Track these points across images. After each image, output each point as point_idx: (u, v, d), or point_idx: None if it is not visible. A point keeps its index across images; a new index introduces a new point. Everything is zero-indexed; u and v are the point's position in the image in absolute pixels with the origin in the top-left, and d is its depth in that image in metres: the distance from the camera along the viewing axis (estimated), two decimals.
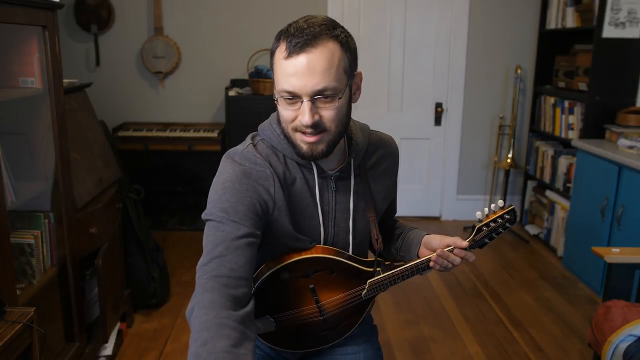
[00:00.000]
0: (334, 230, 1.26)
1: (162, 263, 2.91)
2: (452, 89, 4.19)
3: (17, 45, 1.86)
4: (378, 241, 1.30)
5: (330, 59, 1.06)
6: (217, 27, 4.05)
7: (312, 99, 1.07)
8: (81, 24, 3.97)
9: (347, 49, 1.10)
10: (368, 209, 1.28)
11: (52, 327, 1.98)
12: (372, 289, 1.28)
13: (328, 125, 1.11)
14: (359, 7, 4.07)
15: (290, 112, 1.11)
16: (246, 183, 1.13)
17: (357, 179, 1.27)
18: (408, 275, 1.28)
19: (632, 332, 1.67)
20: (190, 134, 3.84)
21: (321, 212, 1.23)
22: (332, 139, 1.13)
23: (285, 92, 1.08)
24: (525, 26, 4.09)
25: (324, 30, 1.07)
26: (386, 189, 1.34)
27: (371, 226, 1.30)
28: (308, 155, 1.14)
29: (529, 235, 4.03)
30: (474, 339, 2.66)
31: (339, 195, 1.25)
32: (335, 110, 1.10)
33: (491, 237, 1.30)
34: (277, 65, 1.10)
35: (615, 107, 3.31)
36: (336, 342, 1.36)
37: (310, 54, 1.05)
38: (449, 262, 1.25)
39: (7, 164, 1.68)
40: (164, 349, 2.52)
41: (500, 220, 1.28)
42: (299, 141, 1.13)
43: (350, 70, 1.12)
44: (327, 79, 1.06)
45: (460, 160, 4.31)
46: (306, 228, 1.23)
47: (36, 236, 1.86)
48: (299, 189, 1.20)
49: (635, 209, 2.76)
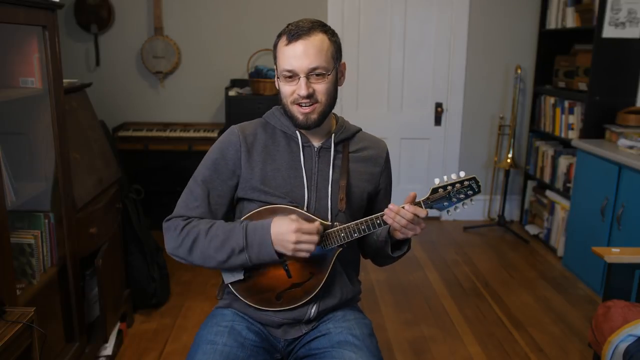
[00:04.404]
0: (316, 195, 1.45)
1: (162, 263, 2.91)
2: (452, 89, 4.20)
3: (17, 45, 1.86)
4: (342, 202, 1.45)
5: (321, 46, 1.36)
6: (217, 27, 4.05)
7: (307, 75, 1.35)
8: (81, 24, 3.97)
9: (333, 42, 1.40)
10: (342, 178, 1.47)
11: (52, 327, 1.98)
12: (328, 239, 1.38)
13: (320, 98, 1.38)
14: (359, 7, 4.07)
15: (289, 87, 1.38)
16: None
17: (337, 154, 1.49)
18: (363, 228, 1.36)
19: (632, 332, 1.67)
20: (190, 134, 3.84)
21: (305, 176, 1.44)
22: (322, 110, 1.40)
23: (286, 70, 1.36)
24: (525, 26, 4.09)
25: (316, 27, 1.37)
26: (367, 174, 1.52)
27: (339, 189, 1.46)
28: (303, 123, 1.40)
29: (529, 235, 4.03)
30: (474, 339, 2.66)
31: (320, 165, 1.47)
32: (325, 85, 1.38)
33: (450, 200, 1.36)
34: (279, 52, 1.38)
35: (615, 107, 3.31)
36: (310, 310, 1.45)
37: (305, 41, 1.34)
38: (400, 217, 1.31)
39: (7, 164, 1.68)
40: (164, 349, 2.52)
41: (458, 185, 1.35)
42: (296, 112, 1.39)
43: (337, 57, 1.41)
44: (319, 60, 1.35)
45: (460, 160, 4.31)
46: (288, 187, 1.43)
47: (36, 236, 1.86)
48: (281, 155, 1.46)
49: (635, 209, 2.76)
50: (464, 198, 1.36)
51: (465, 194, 1.36)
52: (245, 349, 1.39)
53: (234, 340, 1.40)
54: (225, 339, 1.39)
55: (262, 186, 1.43)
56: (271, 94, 3.77)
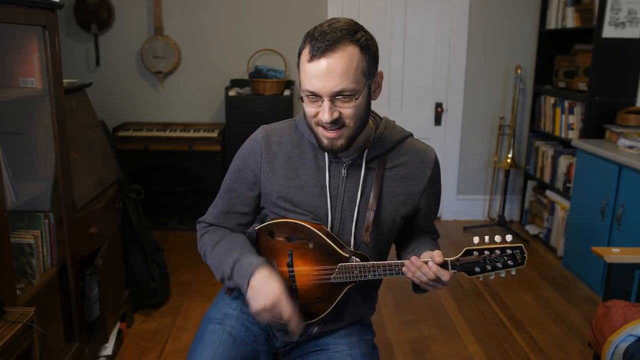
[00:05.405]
0: (341, 216, 1.33)
1: (162, 263, 2.91)
2: (452, 89, 4.20)
3: (17, 45, 1.86)
4: (366, 234, 1.32)
5: (349, 63, 1.16)
6: (217, 27, 4.05)
7: (332, 98, 1.18)
8: (81, 24, 3.97)
9: (366, 52, 1.20)
10: (372, 202, 1.32)
11: (52, 327, 1.98)
12: (341, 273, 1.29)
13: (347, 122, 1.21)
14: (359, 7, 4.07)
15: (312, 109, 1.22)
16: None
17: (370, 172, 1.33)
18: (379, 272, 1.27)
19: (632, 332, 1.67)
20: (190, 134, 3.84)
21: (329, 195, 1.32)
22: (350, 134, 1.23)
23: (308, 91, 1.20)
24: (525, 26, 4.09)
25: (345, 35, 1.17)
26: (404, 194, 1.35)
27: (367, 216, 1.32)
28: (328, 148, 1.25)
29: (529, 235, 4.03)
30: (474, 339, 2.66)
31: (349, 184, 1.33)
32: (353, 109, 1.20)
33: (484, 268, 1.22)
34: (302, 67, 1.21)
35: (615, 107, 3.30)
36: (308, 333, 1.41)
37: (330, 58, 1.15)
38: (421, 273, 1.22)
39: (7, 164, 1.68)
40: (164, 349, 2.52)
41: (497, 252, 1.21)
42: (320, 135, 1.24)
43: (369, 71, 1.21)
44: (346, 81, 1.16)
45: (460, 160, 4.31)
46: (310, 206, 1.33)
47: (36, 236, 1.86)
48: (306, 170, 1.33)
49: (635, 209, 2.75)
50: (502, 268, 1.21)
51: (504, 264, 1.20)
52: (252, 334, 1.42)
53: (241, 325, 1.42)
54: (234, 322, 1.42)
55: (283, 203, 1.34)
56: (271, 94, 3.77)
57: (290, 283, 1.33)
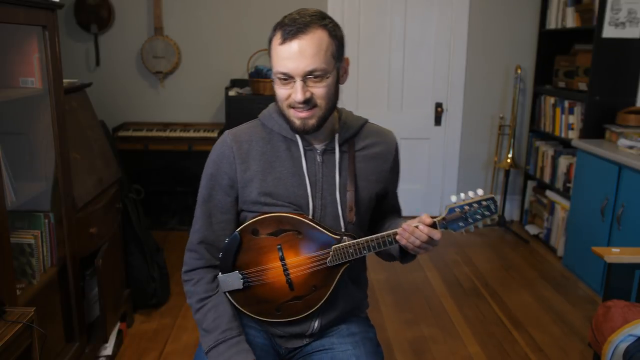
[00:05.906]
0: (322, 202, 1.36)
1: (162, 263, 2.91)
2: (452, 89, 4.19)
3: (17, 45, 1.86)
4: (351, 213, 1.36)
5: (319, 45, 1.22)
6: (217, 27, 4.05)
7: (304, 78, 1.22)
8: (81, 24, 3.97)
9: (334, 37, 1.25)
10: (350, 183, 1.38)
11: (52, 327, 1.98)
12: (336, 254, 1.31)
13: (319, 102, 1.26)
14: (359, 7, 4.07)
15: (284, 91, 1.26)
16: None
17: (343, 155, 1.38)
18: (374, 246, 1.30)
19: (632, 332, 1.67)
20: (190, 134, 3.84)
21: (309, 182, 1.35)
22: (322, 115, 1.28)
23: (280, 73, 1.23)
24: (525, 26, 4.09)
25: (314, 20, 1.22)
26: (376, 173, 1.42)
27: (347, 197, 1.37)
28: (300, 129, 1.28)
29: (529, 235, 4.03)
30: (474, 339, 2.66)
31: (325, 169, 1.37)
32: (324, 88, 1.25)
33: (466, 221, 1.29)
34: (273, 51, 1.25)
35: (615, 107, 3.30)
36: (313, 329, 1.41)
37: (301, 40, 1.20)
38: (414, 238, 1.26)
39: (7, 164, 1.68)
40: (164, 349, 2.52)
41: (476, 205, 1.28)
42: (292, 117, 1.28)
43: (338, 55, 1.27)
44: (317, 61, 1.21)
45: (460, 160, 4.31)
46: (291, 197, 1.34)
47: (36, 236, 1.86)
48: (282, 162, 1.35)
49: (635, 209, 2.76)
50: (480, 218, 1.29)
51: (482, 215, 1.29)
52: (257, 347, 1.40)
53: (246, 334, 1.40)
54: None
55: (264, 198, 1.34)
56: (271, 94, 3.74)
57: (284, 277, 1.34)
